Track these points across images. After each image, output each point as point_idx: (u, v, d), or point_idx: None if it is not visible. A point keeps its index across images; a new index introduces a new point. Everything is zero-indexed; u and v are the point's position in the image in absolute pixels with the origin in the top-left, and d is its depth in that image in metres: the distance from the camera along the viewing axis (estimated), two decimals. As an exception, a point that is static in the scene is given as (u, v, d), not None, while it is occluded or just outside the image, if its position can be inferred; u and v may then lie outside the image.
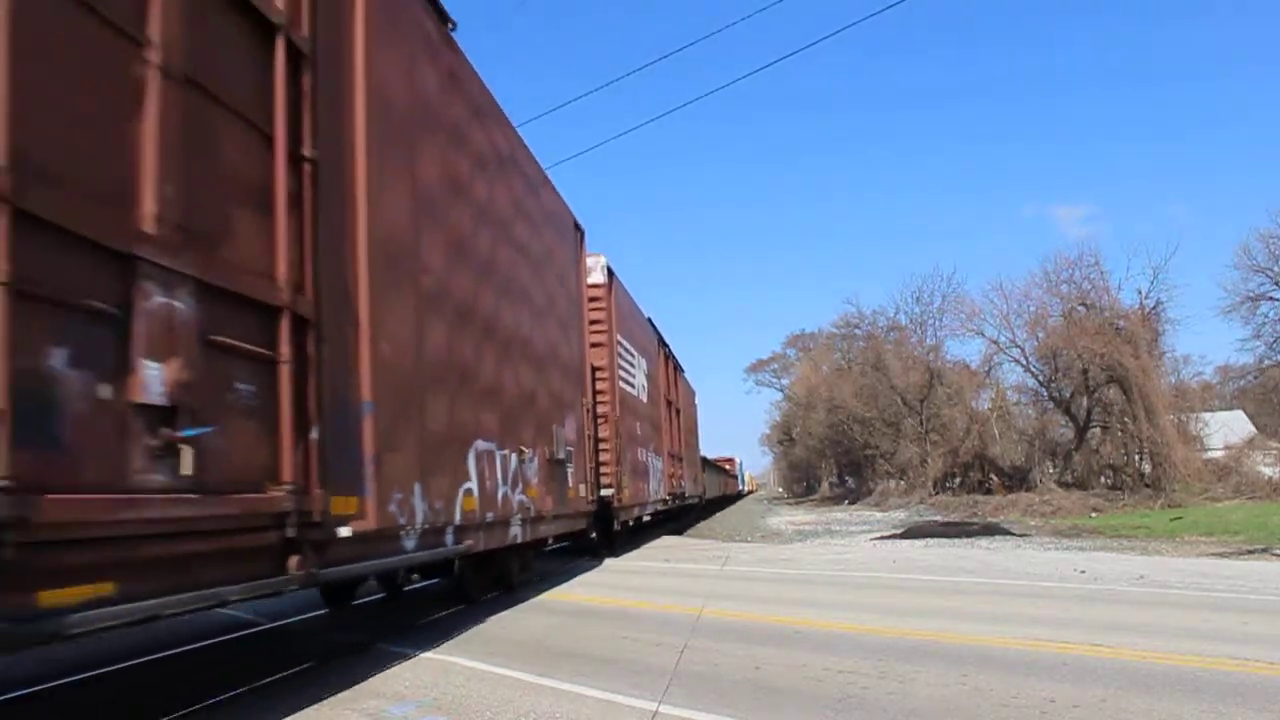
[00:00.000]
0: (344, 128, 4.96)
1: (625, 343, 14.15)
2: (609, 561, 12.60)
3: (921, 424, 39.67)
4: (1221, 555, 12.02)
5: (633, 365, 14.97)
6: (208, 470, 3.43)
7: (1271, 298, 36.09)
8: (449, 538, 6.30)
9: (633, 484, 13.88)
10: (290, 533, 4.02)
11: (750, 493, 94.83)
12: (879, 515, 30.79)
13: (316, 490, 4.23)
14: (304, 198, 4.37)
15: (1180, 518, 19.70)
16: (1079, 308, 32.19)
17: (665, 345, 19.78)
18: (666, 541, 17.74)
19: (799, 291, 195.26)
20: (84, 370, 2.89)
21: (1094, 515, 23.13)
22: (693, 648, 5.74)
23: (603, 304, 12.95)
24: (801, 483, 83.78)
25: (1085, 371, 30.77)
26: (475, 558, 7.38)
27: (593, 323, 12.35)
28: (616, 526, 13.35)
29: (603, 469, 12.27)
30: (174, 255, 3.35)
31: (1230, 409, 45.19)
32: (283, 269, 4.11)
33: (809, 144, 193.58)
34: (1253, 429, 38.64)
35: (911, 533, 19.23)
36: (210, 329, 3.56)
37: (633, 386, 14.87)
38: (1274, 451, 29.25)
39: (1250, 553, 12.06)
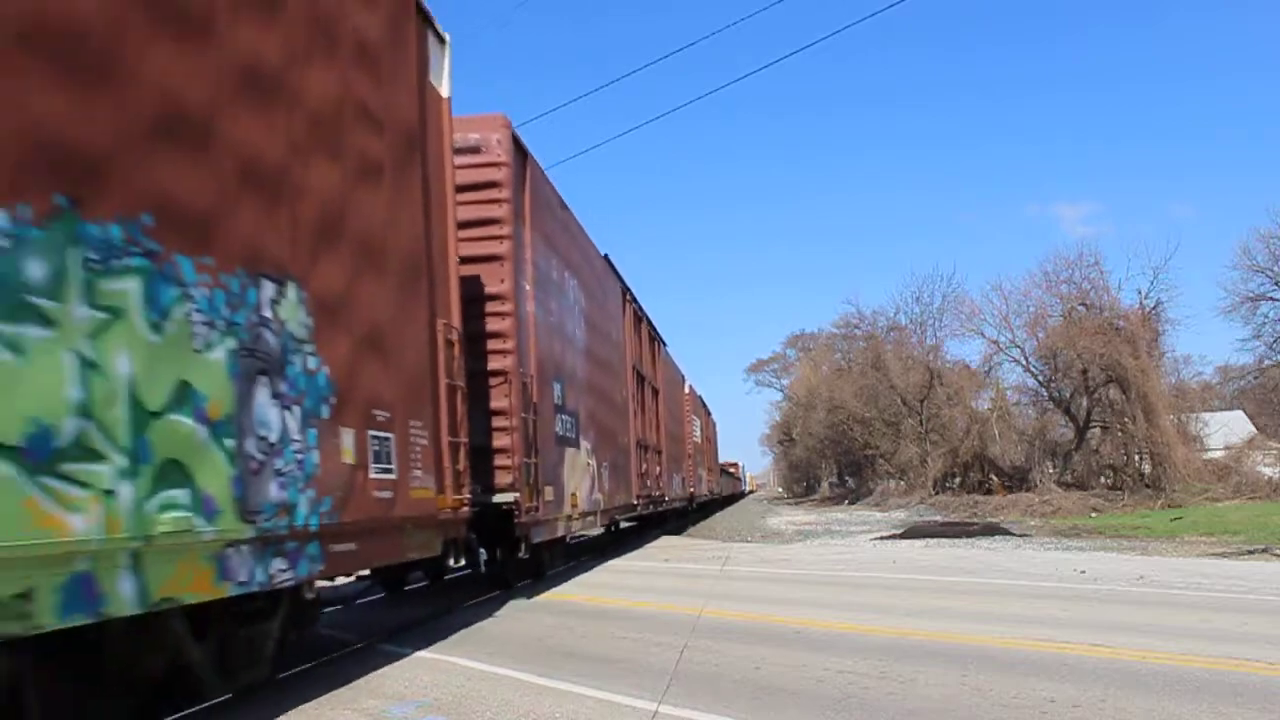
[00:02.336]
0: (658, 401, 19.28)
1: (695, 418, 28.07)
2: (609, 562, 12.66)
3: (921, 424, 39.63)
4: (1221, 555, 12.01)
5: (696, 426, 28.07)
6: (648, 489, 16.52)
7: (1271, 298, 36.10)
8: (676, 503, 21.90)
9: (702, 483, 29.21)
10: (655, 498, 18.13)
11: (751, 492, 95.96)
12: (879, 515, 30.78)
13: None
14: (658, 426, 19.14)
15: (1180, 518, 19.70)
16: (1079, 308, 32.14)
17: (705, 405, 35.13)
18: (667, 541, 17.76)
19: (799, 291, 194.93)
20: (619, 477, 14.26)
21: (1094, 515, 23.12)
22: (693, 648, 5.74)
23: (688, 405, 26.01)
24: (801, 483, 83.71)
25: (1085, 371, 30.74)
26: (662, 512, 19.60)
27: (690, 415, 26.45)
28: (694, 506, 27.39)
29: (687, 475, 24.55)
30: (656, 444, 18.27)
31: (1230, 409, 45.15)
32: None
33: (809, 144, 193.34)
34: (1253, 429, 38.60)
35: (911, 533, 19.23)
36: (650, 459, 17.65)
37: (697, 436, 28.30)
38: (1274, 451, 29.22)
39: (1250, 553, 12.05)
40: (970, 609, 7.25)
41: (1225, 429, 34.54)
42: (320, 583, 5.14)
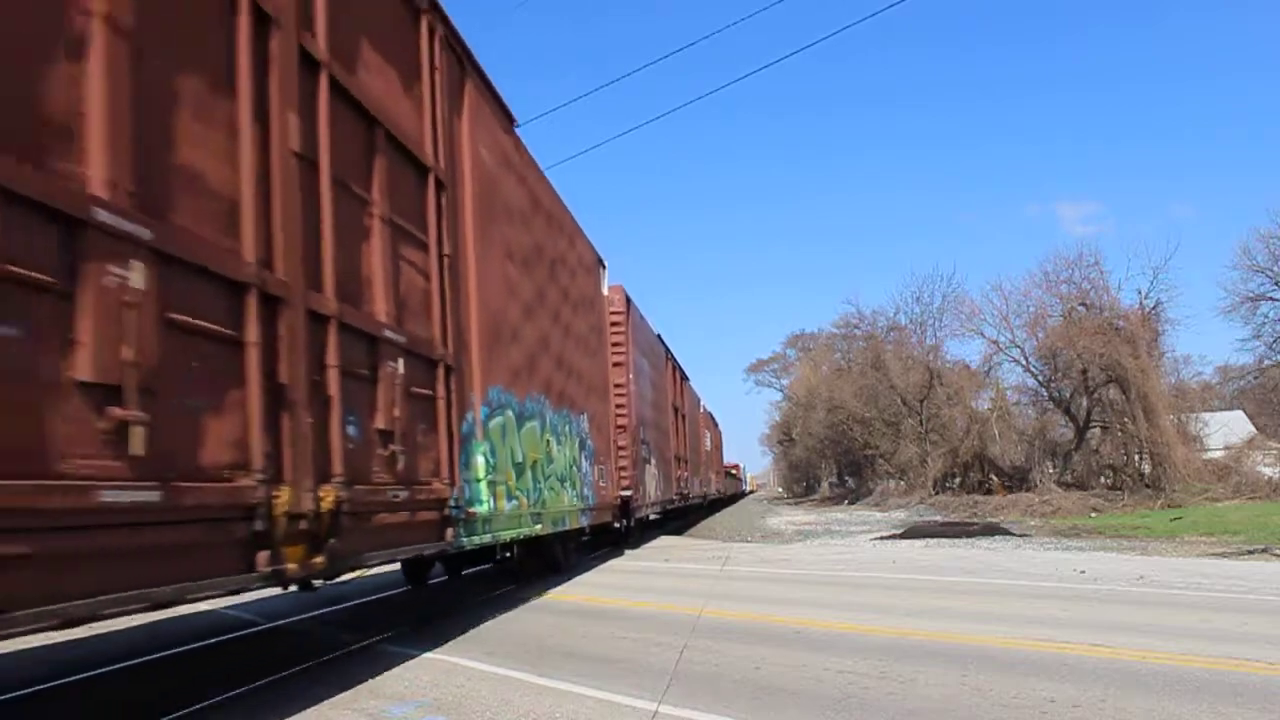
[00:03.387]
0: (684, 423, 25.01)
1: (708, 431, 35.24)
2: (609, 562, 12.67)
3: (921, 424, 39.63)
4: (1221, 555, 12.01)
5: (707, 438, 34.16)
6: (679, 489, 22.50)
7: (1271, 298, 36.09)
8: (694, 499, 26.48)
9: (711, 485, 35.21)
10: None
11: (751, 492, 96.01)
12: (879, 515, 30.78)
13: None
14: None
15: (1180, 518, 19.70)
16: (1079, 308, 32.12)
17: (714, 419, 41.11)
18: (667, 541, 17.76)
19: (799, 291, 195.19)
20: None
21: (1094, 515, 23.12)
22: (693, 648, 5.74)
23: (702, 422, 31.35)
24: (801, 483, 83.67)
25: (1085, 371, 30.72)
26: (685, 507, 23.70)
27: (704, 430, 32.14)
28: (706, 503, 32.27)
29: (702, 479, 29.21)
30: (684, 455, 24.27)
31: (1230, 409, 45.13)
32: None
33: (809, 144, 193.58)
34: (1253, 429, 38.57)
35: (911, 533, 19.23)
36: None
37: (708, 446, 34.30)
38: (1274, 451, 29.21)
39: (1250, 553, 12.06)
40: (970, 609, 7.25)
41: (1225, 429, 34.53)
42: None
